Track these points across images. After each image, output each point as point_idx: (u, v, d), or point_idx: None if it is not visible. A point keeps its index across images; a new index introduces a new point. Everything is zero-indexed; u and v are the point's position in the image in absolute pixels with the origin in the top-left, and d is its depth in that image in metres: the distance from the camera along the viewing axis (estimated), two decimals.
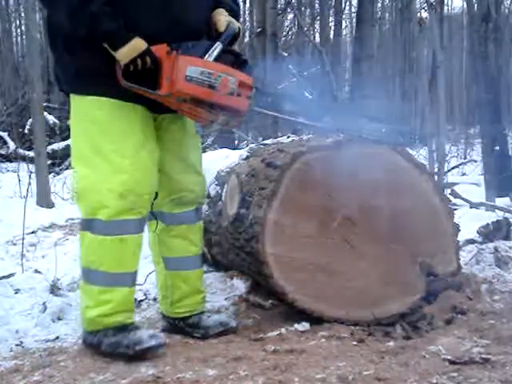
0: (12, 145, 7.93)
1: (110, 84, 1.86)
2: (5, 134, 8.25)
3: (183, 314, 2.14)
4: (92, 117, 1.90)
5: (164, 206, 2.09)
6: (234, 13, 2.08)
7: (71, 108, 1.98)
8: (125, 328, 1.91)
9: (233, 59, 1.92)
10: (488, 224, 3.01)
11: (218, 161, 2.93)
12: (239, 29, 2.01)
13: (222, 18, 2.00)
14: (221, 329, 2.09)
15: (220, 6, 2.06)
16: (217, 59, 1.86)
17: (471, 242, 2.95)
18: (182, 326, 2.14)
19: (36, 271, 2.88)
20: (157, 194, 2.02)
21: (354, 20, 12.33)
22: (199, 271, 2.19)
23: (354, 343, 1.92)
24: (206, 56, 1.85)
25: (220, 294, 2.59)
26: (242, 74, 1.91)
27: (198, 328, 2.11)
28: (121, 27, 1.82)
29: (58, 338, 2.16)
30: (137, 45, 1.82)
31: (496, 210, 3.92)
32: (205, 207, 2.79)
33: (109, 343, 1.89)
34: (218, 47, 1.87)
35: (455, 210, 2.99)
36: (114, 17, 1.81)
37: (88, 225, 1.92)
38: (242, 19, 14.36)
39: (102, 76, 1.87)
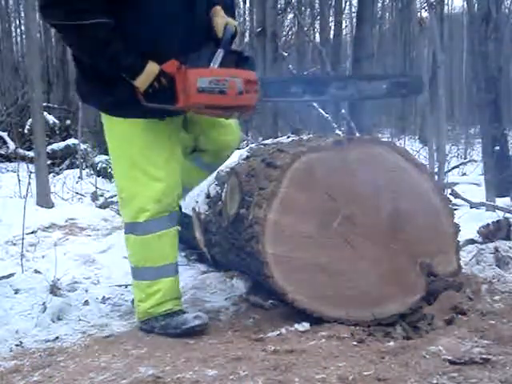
0: (12, 145, 7.92)
1: (136, 106, 2.06)
2: (4, 134, 8.24)
3: None
4: (128, 137, 2.14)
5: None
6: (229, 8, 2.21)
7: (106, 127, 2.22)
8: (173, 314, 2.17)
9: (235, 58, 2.08)
10: (488, 224, 3.01)
11: None
12: (236, 27, 2.14)
13: (219, 20, 2.13)
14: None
15: (215, 3, 2.18)
16: (221, 64, 2.02)
17: (471, 242, 2.95)
18: None
19: (36, 271, 2.87)
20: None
21: (354, 20, 12.33)
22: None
23: (354, 343, 1.92)
24: (212, 64, 2.02)
25: (220, 294, 2.59)
26: (246, 72, 2.06)
27: None
28: (135, 59, 2.02)
29: (57, 338, 2.16)
30: (151, 69, 2.02)
31: (496, 210, 3.91)
32: (205, 207, 2.79)
33: (159, 326, 2.16)
34: (220, 54, 2.04)
35: (455, 209, 2.99)
36: (128, 52, 2.01)
37: (131, 228, 2.19)
38: (242, 19, 14.38)
39: (134, 101, 2.05)
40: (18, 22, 16.68)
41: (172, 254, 2.21)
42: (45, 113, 6.84)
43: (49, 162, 5.93)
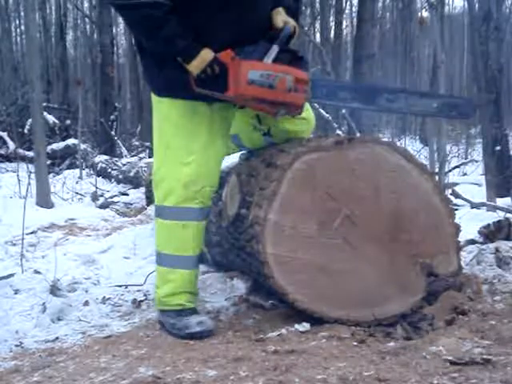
0: (12, 145, 7.93)
1: (185, 88, 2.09)
2: (4, 134, 8.25)
3: None
4: (167, 116, 2.18)
5: None
6: (292, 10, 2.24)
7: (154, 108, 2.25)
8: (183, 312, 2.16)
9: (290, 57, 2.11)
10: (489, 224, 3.00)
11: None
12: (295, 27, 2.18)
13: (279, 18, 2.18)
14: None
15: (279, 4, 2.22)
16: (275, 60, 2.06)
17: (472, 242, 2.94)
18: None
19: (36, 271, 2.86)
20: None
21: (355, 20, 12.33)
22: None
23: (355, 344, 1.92)
24: (265, 58, 2.05)
25: (220, 294, 2.58)
26: (298, 71, 2.09)
27: None
28: (190, 44, 2.06)
29: (57, 338, 2.16)
30: (205, 56, 2.06)
31: (497, 210, 3.91)
32: None
33: (169, 324, 2.16)
34: (275, 49, 2.07)
35: (456, 210, 2.98)
36: (184, 35, 2.05)
37: (159, 211, 2.22)
38: None
39: (182, 83, 2.09)
40: (17, 22, 16.71)
41: (192, 248, 2.20)
42: (45, 113, 6.86)
43: (49, 162, 5.94)
